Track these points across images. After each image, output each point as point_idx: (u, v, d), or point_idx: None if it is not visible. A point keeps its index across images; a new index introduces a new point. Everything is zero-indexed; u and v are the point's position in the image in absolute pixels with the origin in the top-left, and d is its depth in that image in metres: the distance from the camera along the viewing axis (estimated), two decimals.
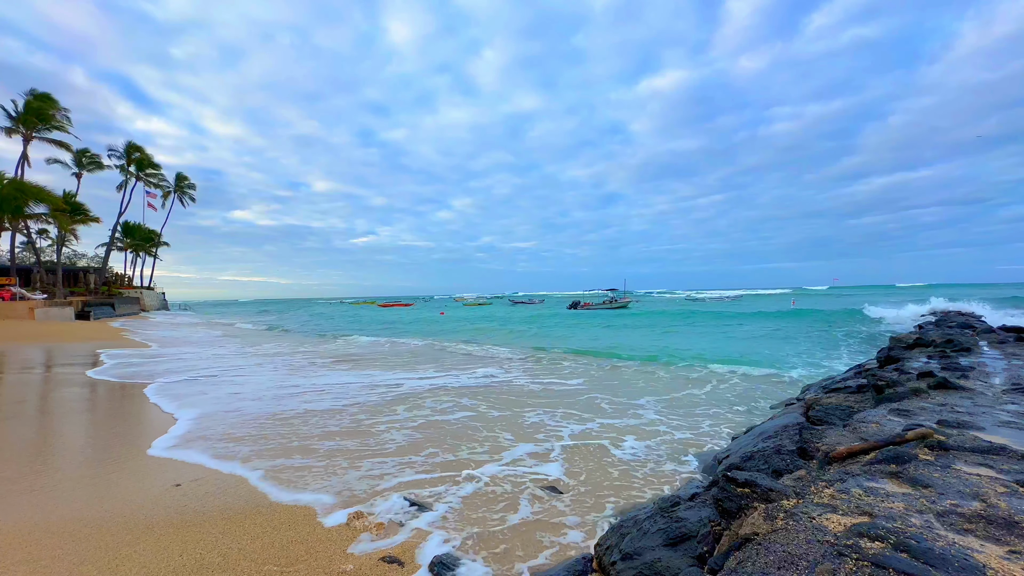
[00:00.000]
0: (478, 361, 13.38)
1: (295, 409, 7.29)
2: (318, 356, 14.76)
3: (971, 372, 5.30)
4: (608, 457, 5.13)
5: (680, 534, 2.54)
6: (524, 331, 23.46)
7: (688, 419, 6.65)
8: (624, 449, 5.40)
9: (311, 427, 6.29)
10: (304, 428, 6.25)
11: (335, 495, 4.10)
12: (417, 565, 3.02)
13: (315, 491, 4.19)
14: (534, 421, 6.65)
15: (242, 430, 6.13)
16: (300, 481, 4.44)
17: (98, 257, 51.50)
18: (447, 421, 6.68)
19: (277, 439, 5.76)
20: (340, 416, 6.88)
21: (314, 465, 4.85)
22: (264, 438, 5.80)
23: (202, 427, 6.28)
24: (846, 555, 1.60)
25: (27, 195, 32.45)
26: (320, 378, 10.33)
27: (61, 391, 8.85)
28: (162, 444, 5.57)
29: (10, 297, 32.15)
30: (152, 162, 49.61)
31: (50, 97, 36.99)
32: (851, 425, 3.47)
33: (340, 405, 7.59)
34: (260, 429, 6.20)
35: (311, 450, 5.33)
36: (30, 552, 3.11)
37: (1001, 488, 2.13)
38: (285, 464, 4.89)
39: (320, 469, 4.75)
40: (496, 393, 8.57)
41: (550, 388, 9.15)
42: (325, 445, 5.52)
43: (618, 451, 5.34)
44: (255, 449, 5.37)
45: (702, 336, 19.45)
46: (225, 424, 6.42)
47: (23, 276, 37.97)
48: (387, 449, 5.41)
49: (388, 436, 5.94)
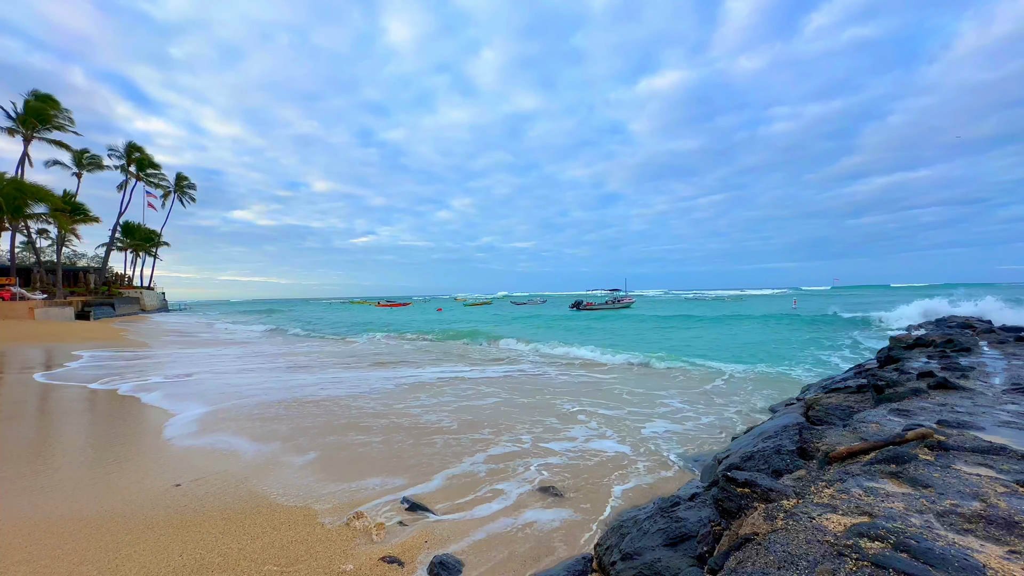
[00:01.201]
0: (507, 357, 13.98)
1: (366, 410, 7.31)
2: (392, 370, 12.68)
3: (971, 372, 5.29)
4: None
5: (680, 534, 2.54)
6: (528, 331, 23.47)
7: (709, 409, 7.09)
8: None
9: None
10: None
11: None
12: (416, 566, 3.03)
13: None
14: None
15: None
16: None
17: (98, 257, 51.57)
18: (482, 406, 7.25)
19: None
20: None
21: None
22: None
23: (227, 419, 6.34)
24: (846, 555, 1.60)
25: (27, 195, 32.48)
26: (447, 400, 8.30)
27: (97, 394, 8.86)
28: (185, 432, 5.84)
29: (10, 297, 32.15)
30: (152, 162, 49.65)
31: (51, 97, 37.03)
32: (851, 425, 3.47)
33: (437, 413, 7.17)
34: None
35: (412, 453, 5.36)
36: (30, 552, 3.11)
37: (1001, 488, 2.13)
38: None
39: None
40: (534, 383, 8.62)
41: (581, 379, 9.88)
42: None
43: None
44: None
45: (701, 337, 19.46)
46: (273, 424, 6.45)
47: (23, 276, 37.97)
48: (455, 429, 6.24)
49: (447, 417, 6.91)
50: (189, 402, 7.78)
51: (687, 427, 6.32)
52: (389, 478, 4.52)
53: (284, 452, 5.28)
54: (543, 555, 3.16)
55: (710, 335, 19.82)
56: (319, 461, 4.99)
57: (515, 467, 4.84)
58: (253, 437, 5.85)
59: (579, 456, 5.18)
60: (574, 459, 5.08)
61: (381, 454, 5.26)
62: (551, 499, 4.03)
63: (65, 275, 42.88)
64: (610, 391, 8.78)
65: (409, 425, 6.45)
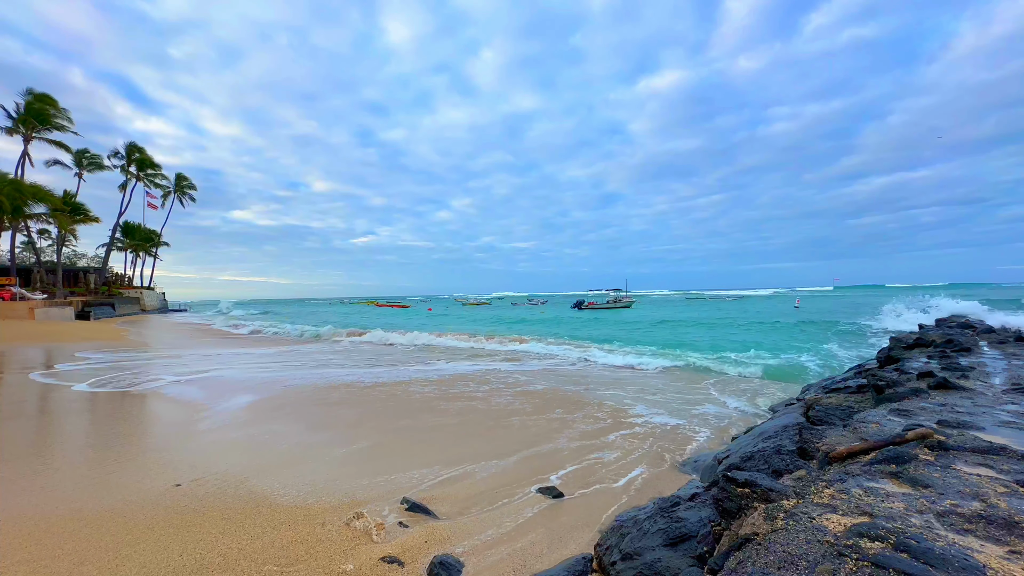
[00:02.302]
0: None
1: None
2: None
3: (971, 372, 5.29)
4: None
5: (680, 534, 2.54)
6: (540, 330, 23.42)
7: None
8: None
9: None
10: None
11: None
12: (417, 566, 3.03)
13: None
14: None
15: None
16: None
17: (98, 257, 51.56)
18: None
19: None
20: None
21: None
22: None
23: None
24: (846, 555, 1.60)
25: (26, 195, 32.48)
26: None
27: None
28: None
29: (10, 297, 32.16)
30: (153, 162, 49.65)
31: (50, 98, 37.00)
32: (851, 425, 3.47)
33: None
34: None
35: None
36: (30, 552, 3.11)
37: (1001, 488, 2.13)
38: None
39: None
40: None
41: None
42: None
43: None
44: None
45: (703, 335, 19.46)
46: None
47: (23, 276, 37.98)
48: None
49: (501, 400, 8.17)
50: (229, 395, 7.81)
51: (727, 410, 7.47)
52: (524, 449, 5.43)
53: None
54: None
55: (709, 333, 19.81)
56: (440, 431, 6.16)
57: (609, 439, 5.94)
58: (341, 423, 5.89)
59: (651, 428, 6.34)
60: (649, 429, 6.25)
61: (484, 431, 6.23)
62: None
63: (65, 275, 42.89)
64: (646, 384, 9.73)
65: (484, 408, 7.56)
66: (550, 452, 5.35)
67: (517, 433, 6.10)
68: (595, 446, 5.57)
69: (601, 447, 5.53)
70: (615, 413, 7.12)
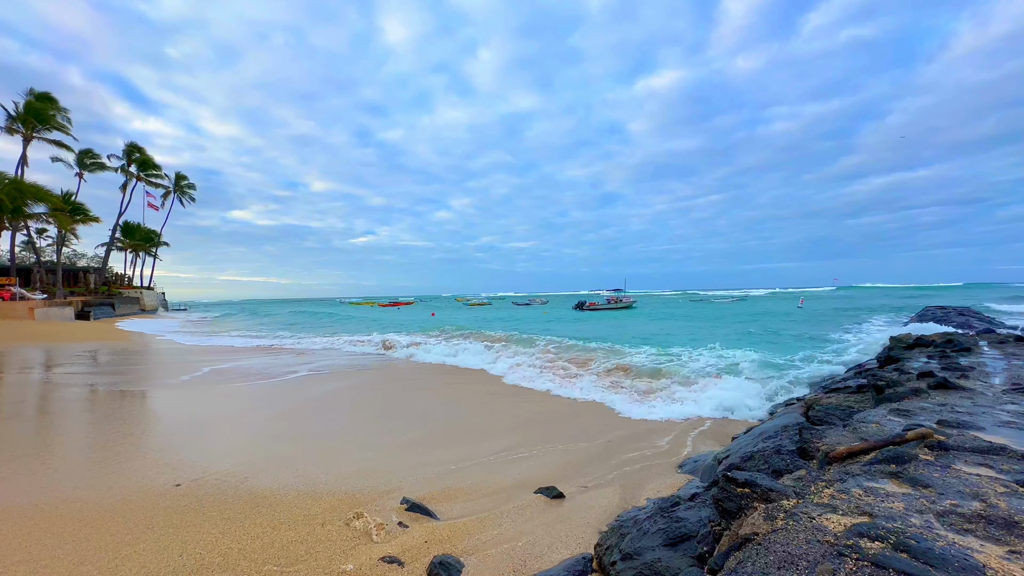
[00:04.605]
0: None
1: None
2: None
3: (971, 372, 5.30)
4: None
5: (680, 534, 2.54)
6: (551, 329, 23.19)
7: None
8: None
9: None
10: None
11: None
12: (418, 565, 3.03)
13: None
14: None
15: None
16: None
17: (98, 257, 51.57)
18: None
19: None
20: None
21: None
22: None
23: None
24: (846, 555, 1.60)
25: (26, 194, 32.47)
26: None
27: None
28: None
29: (10, 297, 32.17)
30: (153, 162, 49.66)
31: (50, 97, 37.02)
32: (851, 425, 3.47)
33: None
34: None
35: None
36: (30, 552, 3.11)
37: (1001, 488, 2.13)
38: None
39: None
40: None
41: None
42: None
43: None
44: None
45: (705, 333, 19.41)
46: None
47: (23, 276, 37.98)
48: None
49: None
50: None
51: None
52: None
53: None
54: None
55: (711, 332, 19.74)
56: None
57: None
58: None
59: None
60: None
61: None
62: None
63: (65, 275, 42.89)
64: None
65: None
66: (549, 451, 5.36)
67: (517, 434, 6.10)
68: (595, 446, 5.58)
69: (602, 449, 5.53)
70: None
